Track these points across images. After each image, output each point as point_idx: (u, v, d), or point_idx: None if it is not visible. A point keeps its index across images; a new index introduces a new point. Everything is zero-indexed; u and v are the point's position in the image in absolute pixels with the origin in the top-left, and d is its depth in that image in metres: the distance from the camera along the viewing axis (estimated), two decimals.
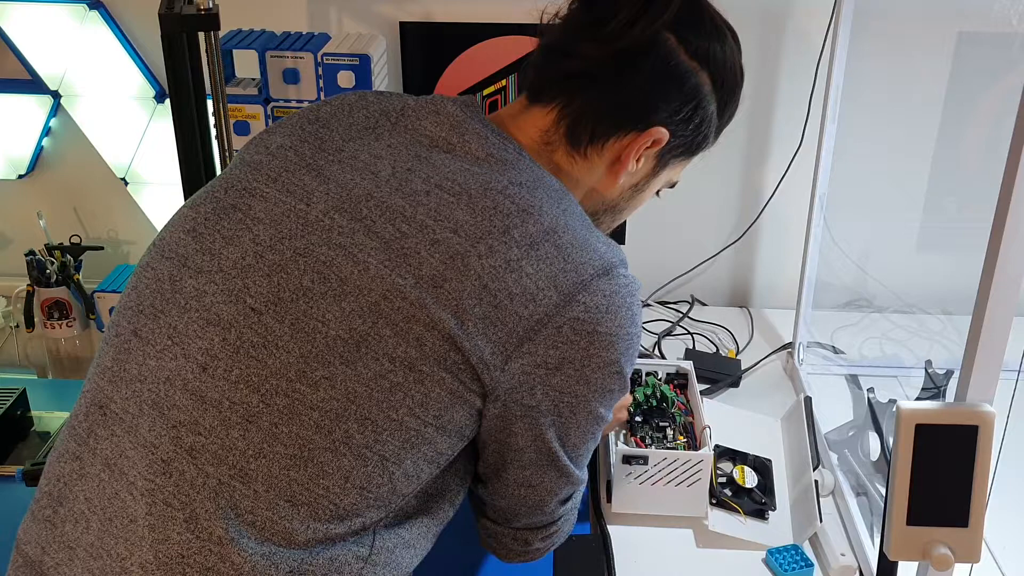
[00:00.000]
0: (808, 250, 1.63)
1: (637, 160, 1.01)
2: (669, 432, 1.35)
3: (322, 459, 0.85)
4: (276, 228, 0.90)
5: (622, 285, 0.92)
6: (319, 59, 1.58)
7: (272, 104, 1.61)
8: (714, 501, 1.33)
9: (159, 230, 1.00)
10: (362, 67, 1.58)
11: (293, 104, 1.60)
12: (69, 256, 1.84)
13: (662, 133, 0.99)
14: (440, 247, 0.86)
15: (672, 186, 1.11)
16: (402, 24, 1.74)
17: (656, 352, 1.76)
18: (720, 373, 1.65)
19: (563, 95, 0.99)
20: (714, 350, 1.76)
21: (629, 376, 0.97)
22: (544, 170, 0.97)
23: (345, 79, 1.58)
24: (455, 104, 0.99)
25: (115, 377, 0.91)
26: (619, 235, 1.88)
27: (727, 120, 1.07)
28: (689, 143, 1.04)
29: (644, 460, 1.28)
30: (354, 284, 0.86)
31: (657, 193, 1.11)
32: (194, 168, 1.50)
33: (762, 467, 1.39)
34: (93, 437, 0.90)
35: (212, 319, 0.88)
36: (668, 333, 1.82)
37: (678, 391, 1.44)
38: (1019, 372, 0.95)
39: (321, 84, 1.59)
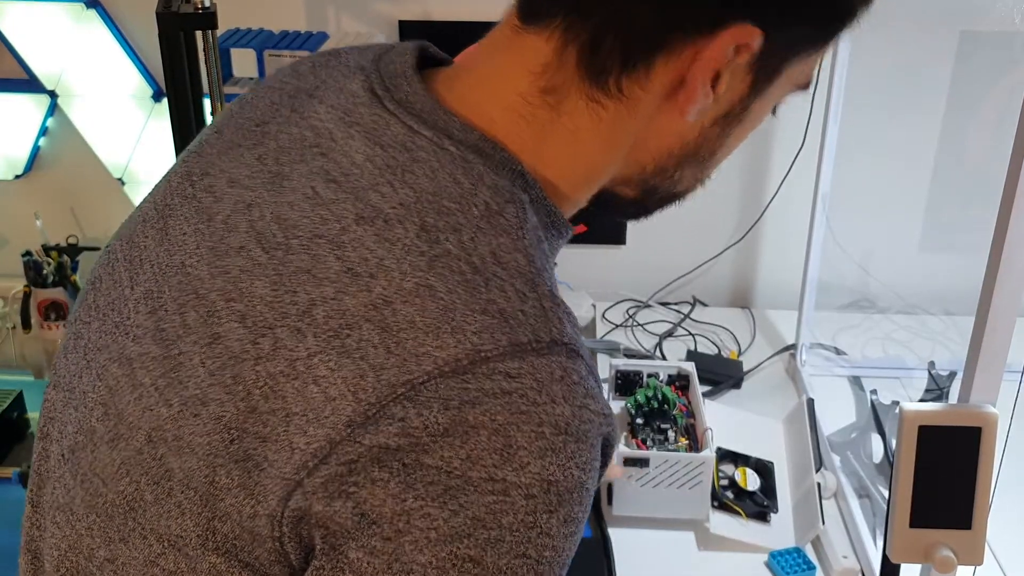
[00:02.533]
0: (810, 251, 1.62)
1: (714, 84, 0.61)
2: (670, 434, 1.35)
3: None
4: (100, 332, 0.66)
5: (512, 391, 0.54)
6: None
7: None
8: (716, 503, 1.32)
9: None
10: None
11: None
12: (66, 257, 1.84)
13: (747, 33, 0.59)
14: (216, 348, 0.57)
15: (805, 86, 0.69)
16: (401, 23, 1.74)
17: (657, 353, 1.75)
18: (722, 374, 1.64)
19: (568, 4, 0.61)
20: (716, 351, 1.75)
21: None
22: (480, 169, 0.61)
23: None
24: (368, 74, 0.66)
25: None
26: (618, 235, 1.87)
27: None
28: (815, 29, 0.64)
29: (645, 462, 1.27)
30: (127, 421, 0.60)
31: (773, 111, 0.70)
32: None
33: (764, 469, 1.38)
34: (34, 525, 0.72)
35: (47, 469, 0.69)
36: (669, 334, 1.81)
37: (680, 393, 1.44)
38: (1022, 373, 0.94)
39: None
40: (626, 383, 1.47)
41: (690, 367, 1.47)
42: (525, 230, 0.60)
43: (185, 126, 1.48)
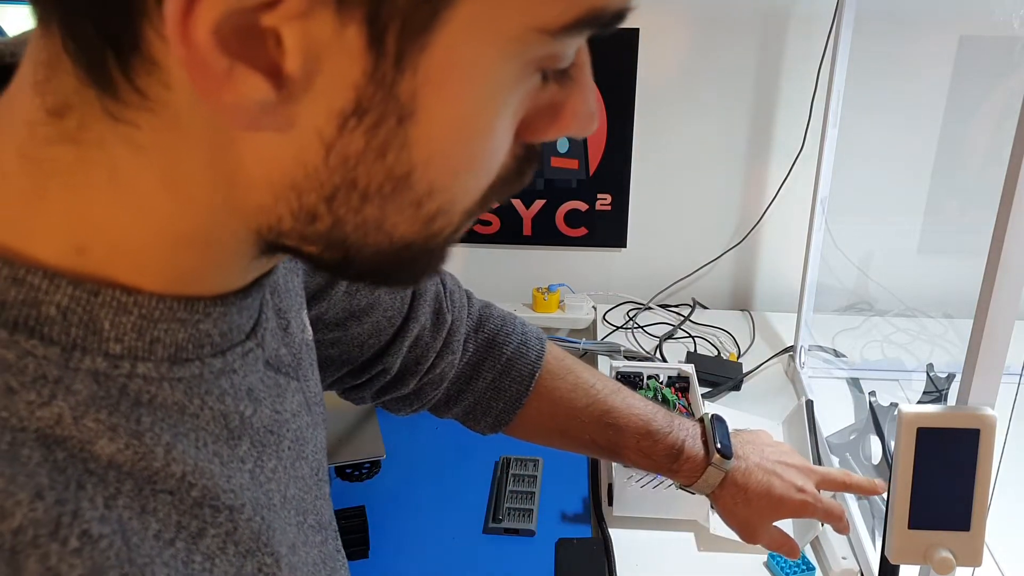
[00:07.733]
0: (809, 253, 1.63)
1: (253, 59, 0.36)
2: None
3: None
4: None
5: None
6: None
7: None
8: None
9: None
10: None
11: None
12: None
13: None
14: None
15: (561, 70, 0.43)
16: None
17: (657, 355, 1.75)
18: (721, 376, 1.65)
19: None
20: (715, 353, 1.76)
21: None
22: None
23: None
24: None
25: None
26: (620, 239, 1.88)
27: None
28: None
29: None
30: None
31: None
32: None
33: None
34: None
35: None
36: (669, 336, 1.81)
37: (680, 394, 1.44)
38: (1021, 375, 0.95)
39: None
40: (626, 385, 1.47)
41: (690, 369, 1.48)
42: None
43: None
